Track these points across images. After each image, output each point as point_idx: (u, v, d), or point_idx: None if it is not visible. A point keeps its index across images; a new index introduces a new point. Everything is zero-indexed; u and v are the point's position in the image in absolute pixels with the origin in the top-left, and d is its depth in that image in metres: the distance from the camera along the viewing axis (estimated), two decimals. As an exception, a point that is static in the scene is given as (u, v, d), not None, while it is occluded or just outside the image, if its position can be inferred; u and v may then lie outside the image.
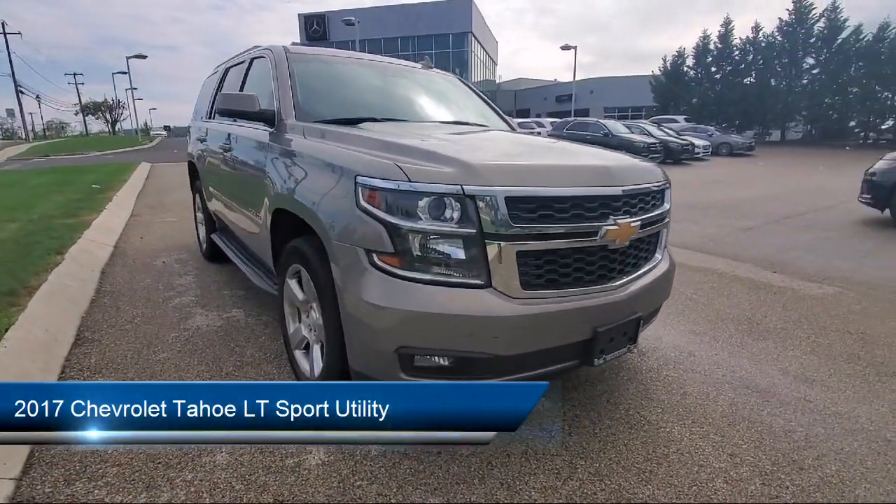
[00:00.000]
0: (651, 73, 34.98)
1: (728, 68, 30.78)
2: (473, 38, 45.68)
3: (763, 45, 29.04)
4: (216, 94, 3.76)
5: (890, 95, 25.37)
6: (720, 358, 2.60)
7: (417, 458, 1.72)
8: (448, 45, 43.83)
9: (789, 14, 28.00)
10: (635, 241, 1.84)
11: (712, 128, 24.44)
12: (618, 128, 17.84)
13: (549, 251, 1.61)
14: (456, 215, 1.50)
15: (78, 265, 3.84)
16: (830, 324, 3.09)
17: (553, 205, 1.60)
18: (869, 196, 6.56)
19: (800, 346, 2.76)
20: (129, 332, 2.73)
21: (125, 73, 40.19)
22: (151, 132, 55.10)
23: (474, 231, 1.49)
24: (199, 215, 4.44)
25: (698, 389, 2.27)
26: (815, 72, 27.83)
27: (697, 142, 19.01)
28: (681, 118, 26.16)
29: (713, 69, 31.49)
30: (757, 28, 29.42)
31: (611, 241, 1.72)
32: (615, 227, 1.71)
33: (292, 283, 2.12)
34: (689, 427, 1.97)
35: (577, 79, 34.61)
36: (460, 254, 1.51)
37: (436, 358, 1.56)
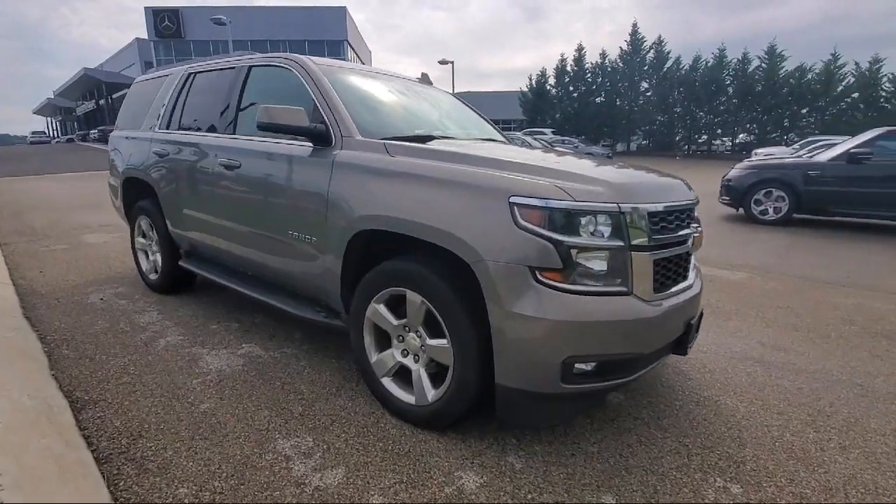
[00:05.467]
0: (519, 90, 38.35)
1: (583, 88, 35.21)
2: (349, 47, 45.16)
3: (609, 69, 33.89)
4: (179, 101, 3.32)
5: (703, 115, 31.59)
6: (711, 338, 3.09)
7: (563, 464, 1.80)
8: (324, 52, 42.59)
9: (627, 44, 33.26)
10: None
11: (577, 140, 27.70)
12: (505, 139, 19.26)
13: (668, 258, 1.83)
14: (608, 231, 1.63)
15: (-12, 312, 3.04)
16: (763, 302, 3.85)
17: (668, 216, 1.84)
18: (727, 197, 8.21)
19: (757, 322, 3.41)
20: (133, 386, 2.28)
21: None
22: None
23: (623, 244, 1.64)
24: (142, 241, 3.81)
25: (717, 366, 2.70)
26: (648, 94, 33.36)
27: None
28: (548, 131, 29.13)
29: (571, 88, 35.71)
30: (604, 55, 34.31)
31: (691, 246, 2.01)
32: (696, 234, 2.01)
33: (381, 309, 2.03)
34: (736, 397, 2.35)
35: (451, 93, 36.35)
36: (612, 265, 1.64)
37: (585, 364, 1.67)
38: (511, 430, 1.99)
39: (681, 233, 1.89)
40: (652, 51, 32.77)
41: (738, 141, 31.64)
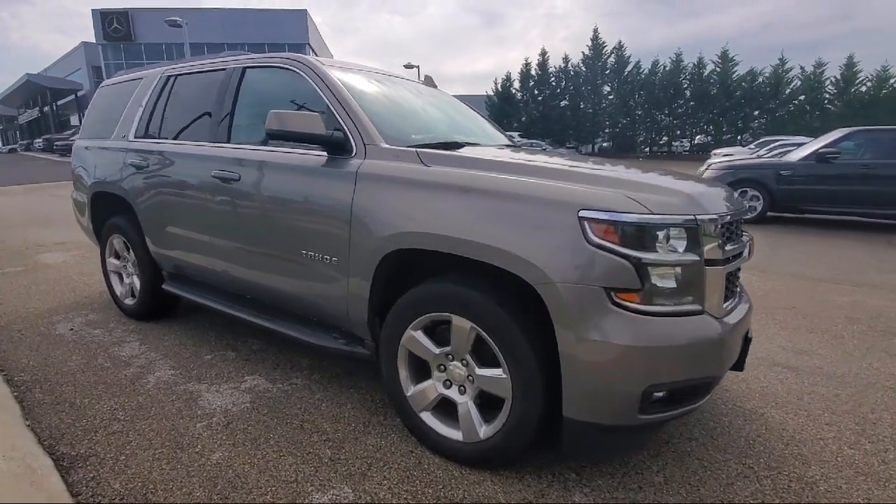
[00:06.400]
0: (486, 94, 38.68)
1: (547, 92, 35.83)
2: (311, 51, 44.25)
3: (572, 74, 34.65)
4: (158, 107, 3.00)
5: (663, 117, 32.75)
6: (732, 344, 3.04)
7: (634, 501, 1.64)
8: (285, 56, 41.46)
9: (589, 49, 34.12)
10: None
11: (544, 142, 28.12)
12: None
13: (733, 271, 1.72)
14: (683, 245, 1.49)
15: (-64, 352, 2.63)
16: (768, 303, 3.86)
17: (731, 227, 1.72)
18: (705, 197, 8.39)
19: (770, 325, 3.39)
20: (127, 435, 1.98)
21: None
22: None
23: (698, 258, 1.51)
24: (115, 262, 3.43)
25: (748, 374, 2.63)
26: (611, 97, 34.33)
27: (540, 155, 21.65)
28: (515, 134, 29.45)
29: (536, 92, 36.29)
30: (566, 59, 35.07)
31: (746, 258, 1.91)
32: (750, 243, 1.92)
33: (418, 335, 1.82)
34: (780, 408, 2.27)
35: (422, 96, 36.20)
36: (688, 282, 1.50)
37: (662, 392, 1.53)
38: (567, 462, 1.82)
39: (740, 243, 1.79)
40: (613, 55, 33.78)
41: (695, 142, 32.96)
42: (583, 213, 1.45)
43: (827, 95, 27.93)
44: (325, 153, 2.09)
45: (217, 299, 2.69)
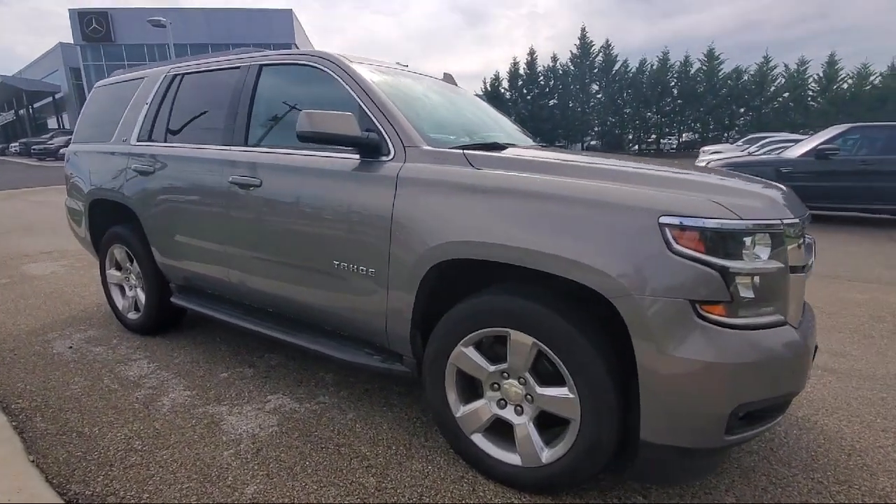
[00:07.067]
0: (474, 93, 38.54)
1: (536, 91, 35.82)
2: (297, 51, 43.66)
3: (560, 73, 34.71)
4: (163, 108, 2.82)
5: (651, 115, 33.01)
6: (765, 346, 2.96)
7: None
8: (270, 56, 40.88)
9: (577, 48, 34.20)
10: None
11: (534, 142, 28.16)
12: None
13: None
14: (767, 251, 1.39)
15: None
16: (789, 302, 3.81)
17: (804, 230, 1.62)
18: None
19: (797, 325, 3.33)
20: (147, 468, 1.80)
21: None
22: None
23: (783, 265, 1.41)
24: (116, 274, 3.23)
25: (789, 379, 2.55)
26: (599, 96, 34.46)
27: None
28: (506, 133, 29.35)
29: (525, 91, 36.26)
30: (555, 58, 35.09)
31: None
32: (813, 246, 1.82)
33: (469, 352, 1.69)
34: (832, 415, 2.19)
35: (410, 96, 35.93)
36: (773, 292, 1.40)
37: (746, 411, 1.42)
38: (631, 484, 1.71)
39: (807, 245, 1.69)
40: (600, 54, 33.93)
41: (683, 139, 33.31)
42: (664, 220, 1.33)
43: (810, 92, 28.48)
44: (356, 156, 1.94)
45: (233, 313, 2.52)
